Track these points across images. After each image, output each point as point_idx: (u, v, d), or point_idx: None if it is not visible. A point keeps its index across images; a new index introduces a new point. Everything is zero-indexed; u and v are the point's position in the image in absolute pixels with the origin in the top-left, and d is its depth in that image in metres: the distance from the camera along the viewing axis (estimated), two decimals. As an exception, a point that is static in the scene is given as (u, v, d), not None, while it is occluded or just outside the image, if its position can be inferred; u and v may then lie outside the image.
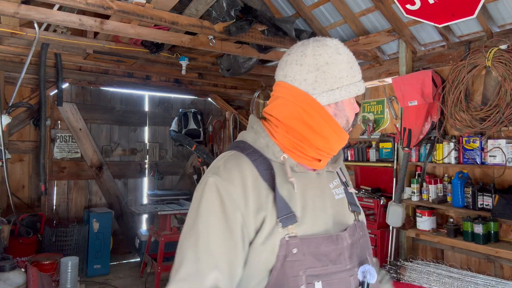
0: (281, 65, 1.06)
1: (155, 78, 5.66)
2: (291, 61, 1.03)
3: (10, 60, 4.60)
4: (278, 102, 1.03)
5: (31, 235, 4.25)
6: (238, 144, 1.03)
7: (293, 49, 1.06)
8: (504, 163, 3.06)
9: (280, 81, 1.05)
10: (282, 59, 1.07)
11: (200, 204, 0.92)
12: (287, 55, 1.06)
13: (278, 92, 1.05)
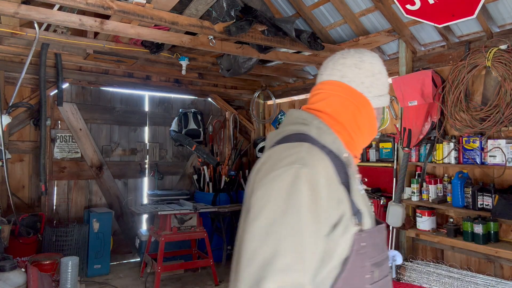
0: (336, 66, 1.14)
1: (155, 78, 5.66)
2: (350, 65, 1.13)
3: (10, 60, 4.61)
4: (334, 100, 1.12)
5: (31, 235, 4.25)
6: (303, 138, 1.03)
7: (347, 54, 1.15)
8: (504, 163, 3.07)
9: (335, 80, 1.13)
10: (336, 61, 1.15)
11: (291, 195, 0.90)
12: (343, 58, 1.14)
13: (332, 90, 1.12)
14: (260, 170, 0.99)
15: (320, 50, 3.85)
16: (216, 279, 4.67)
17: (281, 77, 5.76)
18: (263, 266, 0.84)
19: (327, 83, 1.14)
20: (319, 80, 1.18)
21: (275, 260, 0.84)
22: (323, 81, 1.16)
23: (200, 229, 4.80)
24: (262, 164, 1.00)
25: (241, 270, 0.87)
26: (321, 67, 1.20)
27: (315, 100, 1.15)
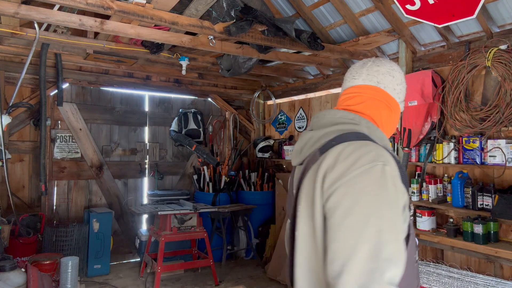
0: (371, 72, 1.25)
1: (155, 78, 5.66)
2: (384, 72, 1.25)
3: (10, 60, 4.61)
4: (372, 103, 1.23)
5: (31, 235, 4.25)
6: (362, 136, 1.11)
7: (380, 62, 1.28)
8: (504, 163, 3.07)
9: (372, 85, 1.24)
10: (370, 68, 1.26)
11: (381, 190, 0.97)
12: (377, 66, 1.26)
13: (370, 94, 1.24)
14: (334, 169, 1.02)
15: (320, 50, 3.85)
16: (216, 279, 4.67)
17: (281, 77, 5.76)
18: (371, 258, 0.90)
19: (364, 87, 1.24)
20: (352, 83, 1.27)
21: (382, 252, 0.90)
22: (359, 85, 1.25)
23: (200, 229, 4.80)
24: (336, 163, 1.03)
25: (346, 264, 0.91)
26: (351, 72, 1.29)
27: (353, 102, 1.24)
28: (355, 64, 1.33)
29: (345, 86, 1.30)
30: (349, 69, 1.32)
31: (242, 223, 5.41)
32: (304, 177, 1.13)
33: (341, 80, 4.96)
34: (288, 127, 6.16)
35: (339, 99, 1.31)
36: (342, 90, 1.31)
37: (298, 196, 1.13)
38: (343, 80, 1.33)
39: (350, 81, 1.28)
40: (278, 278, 4.71)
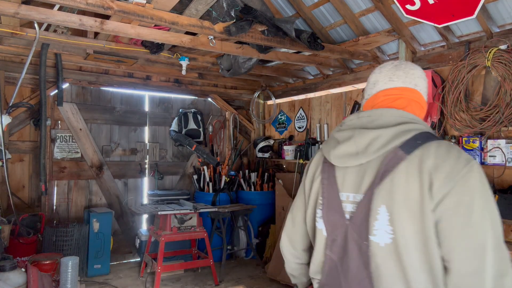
0: (408, 75, 1.27)
1: (155, 78, 5.66)
2: (419, 76, 1.30)
3: (11, 60, 4.61)
4: (414, 106, 1.27)
5: (32, 235, 4.25)
6: (435, 135, 1.18)
7: (413, 66, 1.31)
8: (504, 163, 3.07)
9: (412, 88, 1.27)
10: (407, 72, 1.28)
11: (487, 186, 1.06)
12: (412, 69, 1.29)
13: (411, 97, 1.27)
14: (440, 169, 1.06)
15: (320, 50, 3.85)
16: (216, 279, 4.67)
17: (281, 77, 5.76)
18: (497, 248, 1.00)
19: (405, 90, 1.27)
20: (390, 85, 1.27)
21: (500, 240, 1.01)
22: (398, 87, 1.27)
23: (200, 229, 4.80)
24: (439, 162, 1.07)
25: (484, 259, 0.98)
26: (385, 73, 1.29)
27: (399, 104, 1.25)
28: (384, 66, 1.32)
29: (380, 87, 1.29)
30: (379, 71, 1.32)
31: (242, 223, 5.41)
32: (384, 178, 1.11)
33: (341, 80, 5.00)
34: (288, 127, 6.16)
35: (378, 100, 1.28)
36: (376, 91, 1.30)
37: (374, 198, 1.11)
38: (374, 82, 1.31)
39: (386, 83, 1.28)
40: (278, 278, 4.71)
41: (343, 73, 4.95)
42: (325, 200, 1.26)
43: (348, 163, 1.21)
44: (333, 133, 1.33)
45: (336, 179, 1.24)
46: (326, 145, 1.32)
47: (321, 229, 1.27)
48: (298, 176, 5.45)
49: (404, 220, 1.07)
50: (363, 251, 1.13)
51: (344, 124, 1.29)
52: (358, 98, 4.90)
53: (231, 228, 5.52)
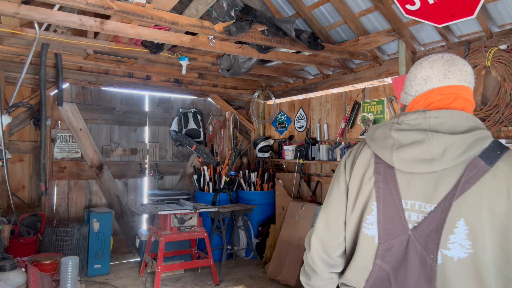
0: (463, 73, 1.20)
1: (155, 78, 5.67)
2: (471, 73, 1.23)
3: (11, 60, 4.61)
4: (470, 105, 1.22)
5: (32, 235, 4.25)
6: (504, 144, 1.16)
7: (465, 62, 1.23)
8: (504, 163, 3.06)
9: (467, 86, 1.21)
10: (462, 68, 1.20)
11: None
12: (465, 65, 1.22)
13: (467, 96, 1.21)
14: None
15: (320, 50, 3.85)
16: (216, 279, 4.68)
17: (281, 77, 5.76)
18: None
19: (461, 88, 1.19)
20: (446, 83, 1.19)
21: None
22: (455, 85, 1.19)
23: (200, 229, 4.80)
24: None
25: None
26: (439, 69, 1.20)
27: (459, 105, 1.18)
28: (434, 60, 1.22)
29: (434, 84, 1.19)
30: (430, 66, 1.21)
31: (242, 223, 5.41)
32: (465, 190, 1.05)
33: (341, 80, 5.00)
34: (288, 127, 6.16)
35: (433, 98, 1.19)
36: (428, 88, 1.20)
37: (452, 210, 1.05)
38: (424, 78, 1.21)
39: (441, 80, 1.19)
40: (278, 278, 4.71)
41: (343, 73, 4.95)
42: (380, 205, 1.16)
43: (419, 169, 1.10)
44: (383, 130, 1.20)
45: (398, 184, 1.14)
46: (377, 143, 1.20)
47: (372, 236, 1.18)
48: (298, 176, 5.45)
49: (486, 235, 1.02)
50: (427, 265, 1.06)
51: (404, 123, 1.16)
52: (358, 98, 4.90)
53: (231, 228, 5.52)
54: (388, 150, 1.16)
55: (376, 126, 1.26)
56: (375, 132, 1.23)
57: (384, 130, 1.20)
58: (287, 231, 4.97)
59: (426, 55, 1.12)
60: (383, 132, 1.20)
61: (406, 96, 1.28)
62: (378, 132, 1.22)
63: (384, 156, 1.17)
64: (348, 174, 1.28)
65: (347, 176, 1.29)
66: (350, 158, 1.31)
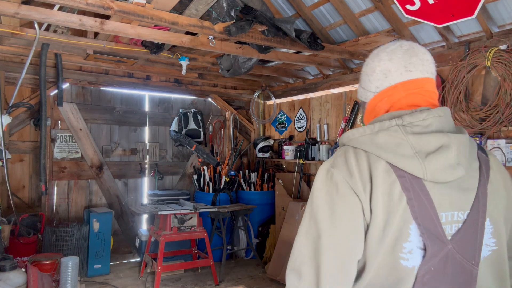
0: (424, 63, 1.09)
1: (155, 78, 5.67)
2: (433, 62, 1.12)
3: (11, 60, 4.61)
4: (436, 96, 1.12)
5: (32, 235, 4.25)
6: None
7: (425, 50, 1.12)
8: (504, 163, 3.07)
9: (430, 78, 1.10)
10: (423, 59, 1.09)
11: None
12: (425, 54, 1.10)
13: (432, 89, 1.11)
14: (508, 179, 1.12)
15: (320, 50, 3.85)
16: (216, 279, 4.67)
17: (281, 77, 5.76)
18: None
19: (427, 82, 1.09)
20: (407, 76, 1.07)
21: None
22: (419, 78, 1.08)
23: (200, 229, 4.80)
24: (506, 175, 1.12)
25: None
26: (399, 61, 1.08)
27: (432, 100, 1.10)
28: (392, 51, 1.10)
29: (395, 79, 1.08)
30: (389, 58, 1.09)
31: (242, 223, 5.41)
32: (486, 189, 1.03)
33: (341, 80, 5.00)
34: (288, 127, 6.16)
35: (398, 95, 1.08)
36: (389, 84, 1.09)
37: (482, 212, 1.01)
38: (384, 72, 1.09)
39: (403, 73, 1.07)
40: (278, 278, 4.71)
41: (343, 73, 4.96)
42: (420, 227, 0.96)
43: (451, 176, 0.99)
44: (389, 135, 1.01)
45: (431, 197, 0.98)
46: (390, 152, 0.99)
47: (413, 268, 0.97)
48: (298, 176, 5.45)
49: (502, 229, 1.04)
50: (467, 270, 0.99)
51: (414, 125, 1.01)
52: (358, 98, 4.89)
53: (231, 228, 5.52)
54: (414, 160, 0.98)
55: (369, 131, 1.04)
56: (376, 139, 1.02)
57: (393, 135, 1.00)
58: (287, 231, 4.97)
59: None
60: (391, 137, 1.00)
61: (365, 92, 1.16)
62: (382, 138, 1.01)
63: (411, 167, 0.98)
64: (364, 196, 0.99)
65: (364, 199, 0.99)
66: (356, 174, 1.00)
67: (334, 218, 0.99)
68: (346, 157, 1.04)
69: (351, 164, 1.02)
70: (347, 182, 1.01)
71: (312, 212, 1.02)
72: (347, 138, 1.08)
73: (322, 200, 1.02)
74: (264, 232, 5.67)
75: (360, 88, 1.18)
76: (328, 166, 1.05)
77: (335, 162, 1.05)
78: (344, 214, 1.00)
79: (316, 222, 1.00)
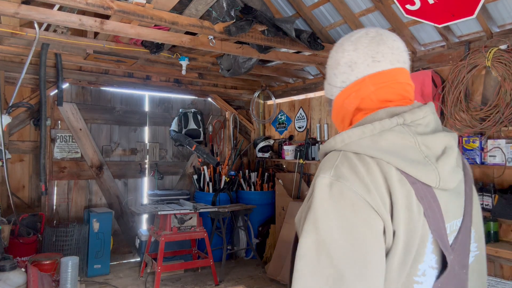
0: (394, 51, 0.96)
1: (155, 78, 5.66)
2: (404, 49, 0.99)
3: (10, 60, 4.61)
4: (412, 88, 1.01)
5: (31, 235, 4.25)
6: None
7: (394, 36, 1.00)
8: (504, 163, 3.07)
9: (402, 68, 0.97)
10: (392, 46, 0.96)
11: None
12: (394, 41, 0.97)
13: (404, 79, 0.97)
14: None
15: (320, 50, 3.85)
16: (216, 279, 4.67)
17: (281, 77, 5.76)
18: None
19: (399, 72, 0.97)
20: (375, 68, 0.94)
21: None
22: (388, 70, 0.95)
23: (200, 229, 4.80)
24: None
25: None
26: (365, 51, 0.95)
27: (408, 94, 0.98)
28: (357, 40, 0.97)
29: (362, 71, 0.95)
30: (354, 48, 0.96)
31: (242, 223, 5.41)
32: (473, 193, 0.98)
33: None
34: (288, 127, 6.16)
35: (366, 90, 0.95)
36: (356, 77, 0.96)
37: (468, 217, 0.94)
38: (349, 64, 0.97)
39: (370, 65, 0.95)
40: (278, 278, 4.71)
41: (343, 73, 4.95)
42: (434, 243, 0.84)
43: (456, 181, 0.90)
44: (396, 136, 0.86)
45: (440, 206, 0.85)
46: (400, 156, 0.83)
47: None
48: (298, 176, 5.45)
49: (482, 233, 1.01)
50: (462, 280, 0.89)
51: (417, 124, 0.89)
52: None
53: (231, 228, 5.52)
54: (427, 166, 0.85)
55: (369, 132, 0.86)
56: (380, 141, 0.85)
57: (400, 136, 0.86)
58: (287, 231, 4.97)
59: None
60: (398, 139, 0.86)
61: (331, 88, 1.02)
62: (387, 140, 0.85)
63: (424, 174, 0.84)
64: (386, 216, 0.80)
65: (386, 219, 0.80)
66: (372, 187, 0.80)
67: (359, 250, 0.76)
68: (351, 165, 0.83)
69: (361, 173, 0.81)
70: (363, 198, 0.79)
71: (322, 243, 0.76)
72: (342, 142, 0.87)
73: (334, 226, 0.77)
74: (264, 232, 5.67)
75: (326, 83, 1.06)
76: (331, 178, 0.81)
77: (339, 173, 0.82)
78: (371, 244, 0.77)
79: (331, 257, 0.75)
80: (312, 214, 0.79)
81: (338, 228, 0.77)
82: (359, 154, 0.85)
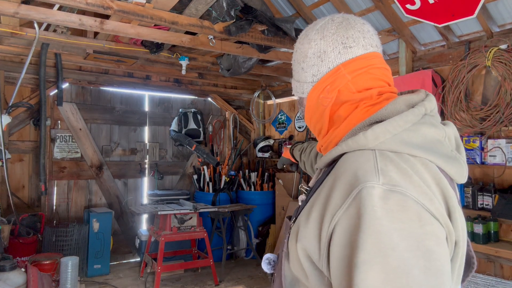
0: (365, 34, 0.88)
1: (155, 78, 5.66)
2: (374, 32, 0.91)
3: (10, 60, 4.61)
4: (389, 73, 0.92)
5: (31, 235, 4.25)
6: None
7: (363, 21, 0.92)
8: (504, 163, 3.06)
9: (376, 52, 0.89)
10: (362, 30, 0.88)
11: None
12: (363, 24, 0.89)
13: (380, 64, 0.89)
14: None
15: (320, 50, 3.84)
16: (216, 279, 4.67)
17: (281, 77, 5.75)
18: None
19: (373, 57, 0.88)
20: (347, 56, 0.86)
21: None
22: (364, 55, 0.86)
23: (200, 229, 4.80)
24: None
25: None
26: (334, 38, 0.86)
27: (390, 77, 0.90)
28: (322, 28, 0.88)
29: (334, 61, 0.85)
30: (321, 37, 0.87)
31: (242, 223, 5.41)
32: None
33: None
34: (288, 127, 6.16)
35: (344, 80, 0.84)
36: (328, 68, 0.86)
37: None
38: (317, 55, 0.87)
39: (341, 52, 0.85)
40: (278, 278, 4.70)
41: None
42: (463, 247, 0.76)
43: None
44: (430, 129, 0.76)
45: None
46: (438, 153, 0.75)
47: None
48: (298, 176, 5.45)
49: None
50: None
51: (431, 115, 0.80)
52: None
53: (231, 228, 5.52)
54: (457, 161, 0.78)
55: (401, 126, 0.74)
56: (417, 137, 0.74)
57: (433, 130, 0.77)
58: (287, 231, 4.96)
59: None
60: (432, 132, 0.76)
61: (301, 85, 0.91)
62: (426, 134, 0.75)
63: (457, 169, 0.77)
64: (449, 225, 0.70)
65: (450, 231, 0.70)
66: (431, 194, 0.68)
67: (436, 278, 0.62)
68: (399, 167, 0.69)
69: (414, 177, 0.68)
70: (427, 209, 0.66)
71: (393, 274, 0.60)
72: (376, 139, 0.73)
73: (403, 250, 0.61)
74: (264, 232, 5.67)
75: (293, 82, 0.95)
76: (382, 187, 0.66)
77: (391, 179, 0.67)
78: (448, 268, 0.64)
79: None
80: (366, 238, 0.62)
81: (408, 251, 0.61)
82: (400, 154, 0.72)
